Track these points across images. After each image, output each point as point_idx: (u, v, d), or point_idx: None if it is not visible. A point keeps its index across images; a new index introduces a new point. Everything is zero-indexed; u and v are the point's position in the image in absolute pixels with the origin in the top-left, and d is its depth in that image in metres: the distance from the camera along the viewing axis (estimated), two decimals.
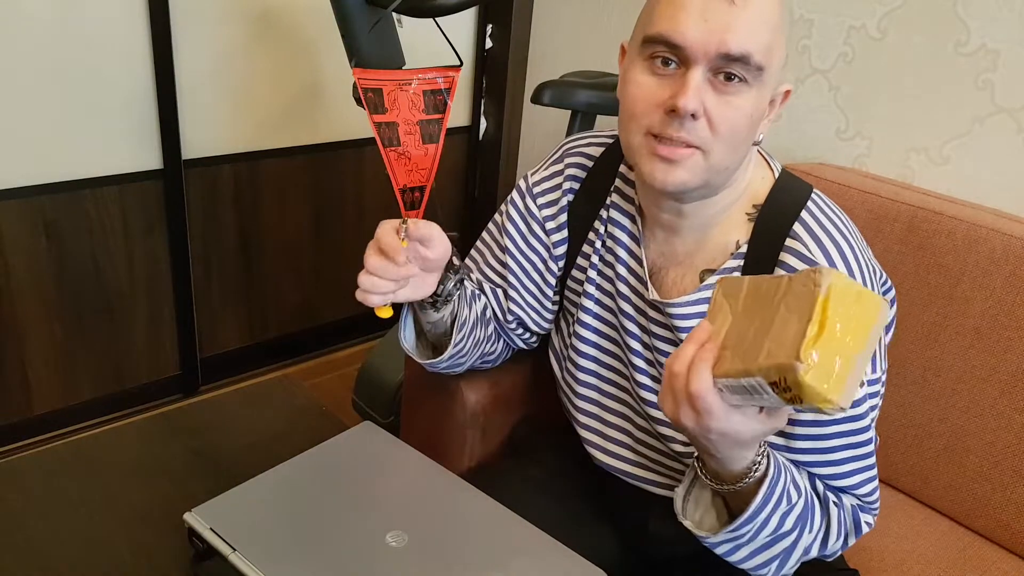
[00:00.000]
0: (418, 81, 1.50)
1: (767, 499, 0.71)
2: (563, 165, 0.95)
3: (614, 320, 0.92)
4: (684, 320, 0.84)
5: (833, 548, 0.82)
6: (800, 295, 0.56)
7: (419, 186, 1.64)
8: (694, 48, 0.70)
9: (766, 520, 0.73)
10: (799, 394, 0.55)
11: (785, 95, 0.79)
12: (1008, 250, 1.07)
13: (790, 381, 0.55)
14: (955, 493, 1.14)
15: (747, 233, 0.81)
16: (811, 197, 0.81)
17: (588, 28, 1.99)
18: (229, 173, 1.82)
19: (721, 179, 0.78)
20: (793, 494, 0.75)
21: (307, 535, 0.68)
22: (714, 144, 0.73)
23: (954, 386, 1.12)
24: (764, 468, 0.70)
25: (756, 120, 0.75)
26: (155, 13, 1.57)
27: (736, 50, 0.69)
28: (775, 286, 0.59)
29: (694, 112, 0.71)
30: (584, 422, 0.97)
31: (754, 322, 0.59)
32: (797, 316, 0.56)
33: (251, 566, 0.64)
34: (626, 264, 0.90)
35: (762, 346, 0.57)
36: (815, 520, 0.79)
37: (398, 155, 1.51)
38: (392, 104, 1.46)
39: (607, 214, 0.91)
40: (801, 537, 0.78)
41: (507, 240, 0.96)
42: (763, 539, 0.75)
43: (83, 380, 1.75)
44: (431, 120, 1.51)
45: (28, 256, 1.58)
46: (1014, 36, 1.25)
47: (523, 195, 0.97)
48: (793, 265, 0.77)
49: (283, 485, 0.74)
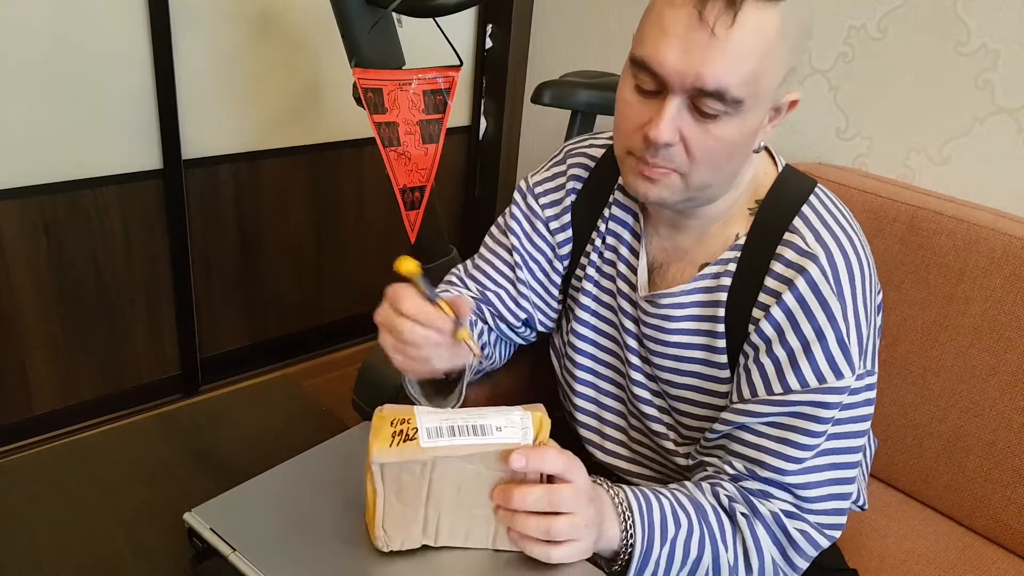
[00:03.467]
0: (418, 81, 1.50)
1: (649, 533, 0.73)
2: (565, 166, 0.95)
3: (613, 318, 0.92)
4: (677, 309, 0.84)
5: (767, 565, 0.77)
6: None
7: (419, 186, 1.65)
8: (671, 78, 0.69)
9: (667, 557, 0.73)
10: None
11: (791, 105, 0.77)
12: (1008, 250, 1.07)
13: None
14: (955, 493, 1.14)
15: (747, 226, 0.81)
16: (814, 192, 0.81)
17: (588, 28, 1.99)
18: (229, 173, 1.82)
19: (710, 193, 0.78)
20: (681, 517, 0.75)
21: (307, 535, 0.68)
22: (692, 168, 0.73)
23: (954, 386, 1.12)
24: (630, 507, 0.73)
25: (744, 142, 0.73)
26: (155, 13, 1.57)
27: (711, 85, 0.67)
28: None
29: (667, 143, 0.71)
30: (582, 420, 0.97)
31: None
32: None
33: (251, 566, 0.64)
34: (627, 261, 0.90)
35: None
36: (725, 534, 0.77)
37: (398, 155, 1.51)
38: (392, 104, 1.46)
39: (609, 212, 0.91)
40: (719, 555, 0.76)
41: (512, 239, 0.96)
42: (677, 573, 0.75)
43: (83, 380, 1.75)
44: (431, 120, 1.51)
45: (28, 256, 1.58)
46: (1014, 36, 1.25)
47: (524, 195, 0.97)
48: (789, 258, 0.77)
49: (283, 485, 0.74)
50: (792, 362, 0.76)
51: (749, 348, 0.79)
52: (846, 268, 0.76)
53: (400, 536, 0.67)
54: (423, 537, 0.68)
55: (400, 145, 1.48)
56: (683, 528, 0.75)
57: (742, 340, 0.80)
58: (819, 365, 0.75)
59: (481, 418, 0.65)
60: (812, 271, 0.75)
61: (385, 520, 0.66)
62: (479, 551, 0.69)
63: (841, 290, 0.75)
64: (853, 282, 0.76)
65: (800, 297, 0.75)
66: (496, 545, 0.69)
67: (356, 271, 2.15)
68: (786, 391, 0.76)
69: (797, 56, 0.73)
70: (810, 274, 0.75)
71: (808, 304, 0.75)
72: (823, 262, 0.75)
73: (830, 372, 0.75)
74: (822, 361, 0.75)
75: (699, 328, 0.83)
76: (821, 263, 0.75)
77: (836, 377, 0.75)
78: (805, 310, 0.75)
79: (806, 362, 0.76)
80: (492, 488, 0.66)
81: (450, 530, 0.68)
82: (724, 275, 0.81)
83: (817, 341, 0.75)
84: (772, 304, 0.77)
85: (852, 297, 0.76)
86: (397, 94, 1.45)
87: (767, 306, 0.77)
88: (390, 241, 2.15)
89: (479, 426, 0.64)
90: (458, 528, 0.68)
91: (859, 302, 0.77)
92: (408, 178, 1.51)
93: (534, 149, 2.24)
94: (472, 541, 0.69)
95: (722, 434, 0.82)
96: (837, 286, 0.75)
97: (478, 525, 0.68)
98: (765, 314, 0.77)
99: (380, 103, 1.44)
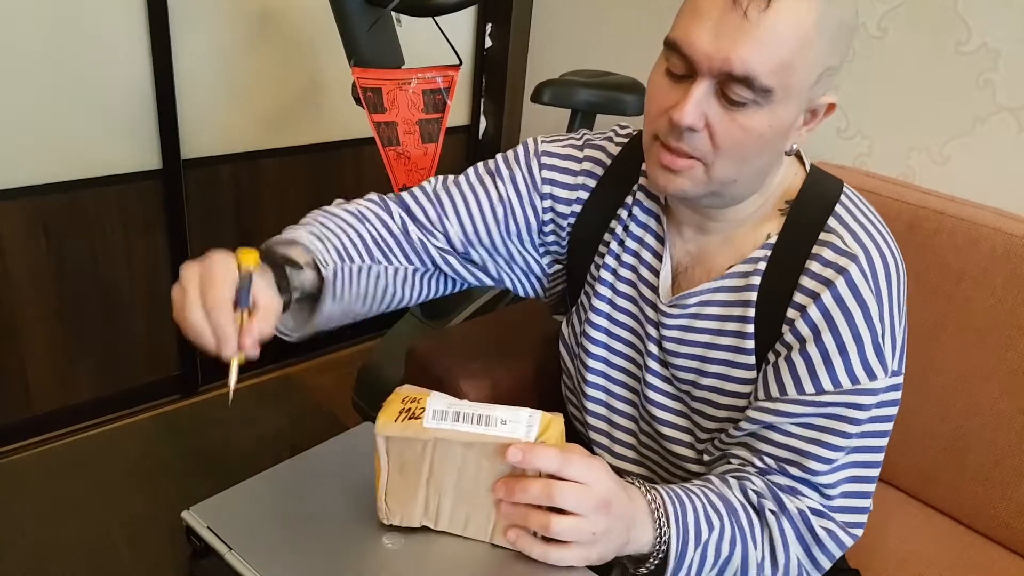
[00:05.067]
0: (417, 80, 1.50)
1: (684, 537, 0.71)
2: (581, 155, 0.91)
3: (632, 324, 0.90)
4: (704, 307, 0.82)
5: (792, 563, 0.77)
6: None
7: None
8: (699, 61, 0.68)
9: (699, 559, 0.72)
10: None
11: (828, 109, 0.75)
12: (1009, 249, 1.07)
13: None
14: (956, 493, 1.14)
15: (779, 226, 0.80)
16: (843, 191, 0.81)
17: (588, 27, 1.99)
18: (228, 173, 1.82)
19: (735, 191, 0.77)
20: (713, 519, 0.73)
21: (304, 535, 0.68)
22: (715, 158, 0.72)
23: (955, 386, 1.12)
24: (665, 511, 0.71)
25: (773, 137, 0.72)
26: (155, 13, 1.57)
27: (739, 71, 0.66)
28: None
29: (691, 126, 0.69)
30: (593, 423, 0.96)
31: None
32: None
33: (247, 565, 0.64)
34: (649, 265, 0.87)
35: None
36: (755, 533, 0.76)
37: (398, 154, 1.51)
38: (391, 103, 1.46)
39: (628, 213, 0.88)
40: (748, 554, 0.75)
41: (502, 187, 0.90)
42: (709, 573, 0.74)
43: (83, 380, 1.75)
44: (430, 119, 1.51)
45: (28, 256, 1.58)
46: (1015, 35, 1.25)
47: (529, 156, 0.91)
48: (828, 258, 0.76)
49: (282, 485, 0.74)
50: (826, 362, 0.75)
51: (781, 347, 0.78)
52: (883, 268, 0.75)
53: (400, 511, 0.68)
54: (424, 517, 0.69)
55: (399, 145, 1.48)
56: (715, 530, 0.73)
57: (773, 339, 0.79)
58: (853, 366, 0.75)
59: (489, 410, 0.65)
60: (852, 271, 0.74)
61: (388, 493, 0.68)
62: (479, 552, 0.69)
63: (879, 291, 0.75)
64: (890, 282, 0.76)
65: (839, 297, 0.75)
66: (494, 539, 0.69)
67: None
68: (819, 391, 0.75)
69: (837, 56, 0.71)
70: (850, 274, 0.74)
71: (847, 305, 0.74)
72: (863, 262, 0.74)
73: (863, 374, 0.75)
74: (856, 363, 0.75)
75: (725, 328, 0.82)
76: (861, 263, 0.74)
77: (870, 378, 0.75)
78: (844, 311, 0.74)
79: (840, 363, 0.75)
80: (494, 482, 0.66)
81: (450, 515, 0.69)
82: (754, 274, 0.80)
83: (854, 343, 0.74)
84: (809, 304, 0.76)
85: (889, 298, 0.76)
86: (396, 93, 1.45)
87: (803, 306, 0.76)
88: None
89: (485, 416, 0.64)
90: (458, 514, 0.69)
91: (895, 303, 0.76)
92: (407, 178, 1.51)
93: None
94: (471, 531, 0.69)
95: (748, 432, 0.80)
96: (875, 287, 0.75)
97: (478, 515, 0.68)
98: (801, 314, 0.76)
99: (379, 102, 1.44)
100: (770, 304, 0.79)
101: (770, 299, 0.79)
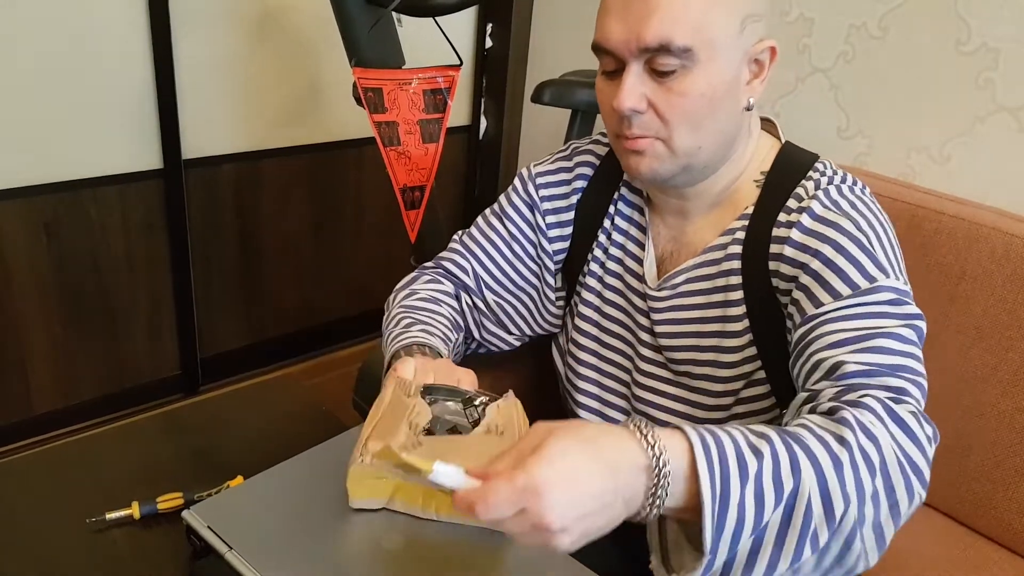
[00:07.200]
0: (418, 80, 1.50)
1: (724, 473, 0.54)
2: (572, 163, 0.94)
3: (621, 317, 0.92)
4: (690, 284, 0.84)
5: (887, 456, 0.60)
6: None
7: (419, 185, 1.64)
8: (619, 49, 0.72)
9: (741, 498, 0.54)
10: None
11: (771, 53, 0.76)
12: (1009, 249, 1.06)
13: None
14: (956, 493, 1.14)
15: (755, 198, 0.82)
16: (819, 160, 0.82)
17: (588, 27, 1.98)
18: (229, 173, 1.82)
19: (704, 158, 0.78)
20: (763, 445, 0.56)
21: (303, 535, 0.68)
22: (670, 131, 0.75)
23: (955, 385, 1.12)
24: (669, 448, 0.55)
25: (718, 96, 0.73)
26: (155, 13, 1.57)
27: (652, 41, 0.70)
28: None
29: (633, 108, 0.73)
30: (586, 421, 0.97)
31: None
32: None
33: (247, 565, 0.64)
34: (634, 255, 0.90)
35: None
36: (830, 444, 0.58)
37: (398, 154, 1.51)
38: (392, 103, 1.46)
39: (615, 209, 0.91)
40: (823, 472, 0.57)
41: (511, 226, 0.96)
42: (770, 520, 0.56)
43: (83, 380, 1.75)
44: (431, 119, 1.51)
45: (28, 256, 1.58)
46: (1015, 35, 1.25)
47: (525, 183, 0.96)
48: (794, 206, 0.77)
49: (282, 485, 0.74)
50: (835, 270, 0.72)
51: (782, 282, 0.77)
52: (858, 196, 0.77)
53: (376, 445, 0.64)
54: (402, 451, 0.59)
55: (400, 144, 1.48)
56: (766, 457, 0.56)
57: (764, 287, 0.79)
58: (863, 264, 0.72)
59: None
60: (830, 190, 0.76)
61: (376, 428, 0.68)
62: (479, 552, 0.69)
63: (856, 207, 0.75)
64: (867, 203, 0.77)
65: (818, 216, 0.75)
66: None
67: (356, 271, 2.15)
68: (853, 290, 0.71)
69: (758, 2, 0.74)
70: (821, 197, 0.76)
71: (828, 219, 0.75)
72: (833, 191, 0.77)
73: (875, 269, 0.72)
74: (864, 260, 0.72)
75: (712, 300, 0.83)
76: (831, 191, 0.76)
77: (884, 275, 0.72)
78: (827, 224, 0.75)
79: (847, 263, 0.72)
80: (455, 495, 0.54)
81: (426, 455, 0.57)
82: (733, 243, 0.81)
83: (851, 242, 0.73)
84: (791, 232, 0.76)
85: (867, 217, 0.75)
86: (397, 93, 1.45)
87: (785, 237, 0.76)
88: (390, 241, 2.15)
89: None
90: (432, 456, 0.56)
91: (877, 224, 0.76)
92: (408, 177, 1.51)
93: (534, 148, 2.24)
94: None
95: (803, 383, 0.71)
96: (851, 205, 0.75)
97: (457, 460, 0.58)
98: (783, 247, 0.76)
99: (380, 103, 1.44)
100: (755, 261, 0.80)
101: (754, 256, 0.80)
